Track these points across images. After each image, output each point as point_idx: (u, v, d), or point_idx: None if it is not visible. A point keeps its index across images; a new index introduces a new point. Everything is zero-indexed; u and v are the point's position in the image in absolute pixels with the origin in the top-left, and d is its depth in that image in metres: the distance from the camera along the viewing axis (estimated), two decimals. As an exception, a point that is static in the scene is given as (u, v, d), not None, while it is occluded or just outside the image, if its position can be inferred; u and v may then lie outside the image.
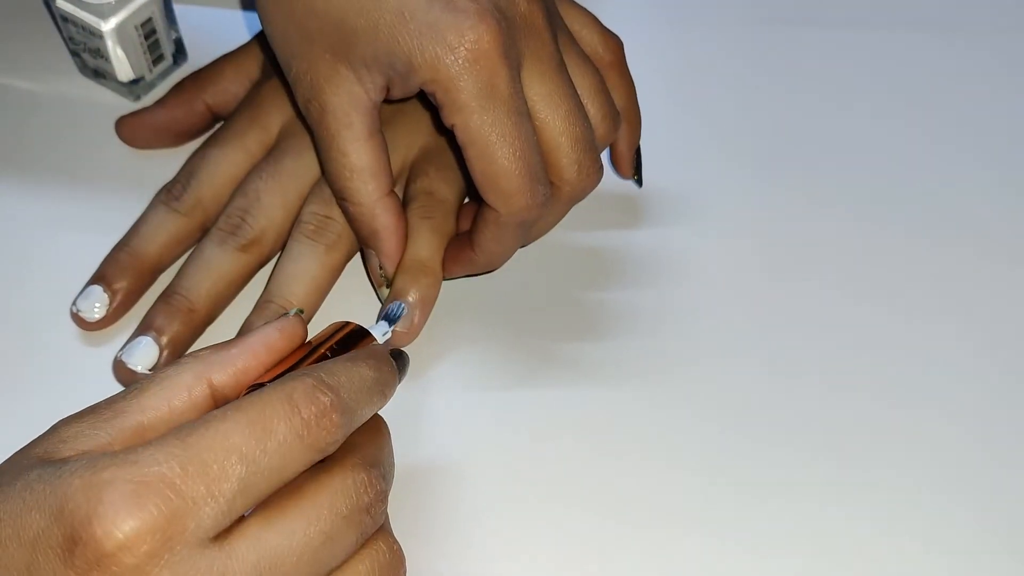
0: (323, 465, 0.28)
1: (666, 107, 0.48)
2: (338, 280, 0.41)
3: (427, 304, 0.40)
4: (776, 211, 0.45)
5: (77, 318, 0.40)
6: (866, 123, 0.48)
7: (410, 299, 0.39)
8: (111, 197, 0.44)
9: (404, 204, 0.41)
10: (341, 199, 0.39)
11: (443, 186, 0.41)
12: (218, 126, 0.45)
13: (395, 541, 0.30)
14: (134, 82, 0.46)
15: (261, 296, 0.40)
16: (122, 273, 0.40)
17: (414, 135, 0.42)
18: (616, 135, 0.39)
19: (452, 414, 0.39)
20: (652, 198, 0.45)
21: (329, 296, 0.41)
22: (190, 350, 0.40)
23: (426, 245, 0.40)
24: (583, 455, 0.38)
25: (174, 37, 0.47)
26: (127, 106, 0.46)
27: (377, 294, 0.41)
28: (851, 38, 0.51)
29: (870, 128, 0.48)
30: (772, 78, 0.50)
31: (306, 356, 0.31)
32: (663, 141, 0.46)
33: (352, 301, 0.41)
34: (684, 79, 0.50)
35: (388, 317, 0.39)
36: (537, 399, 0.40)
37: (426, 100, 0.36)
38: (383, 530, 0.30)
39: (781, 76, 0.50)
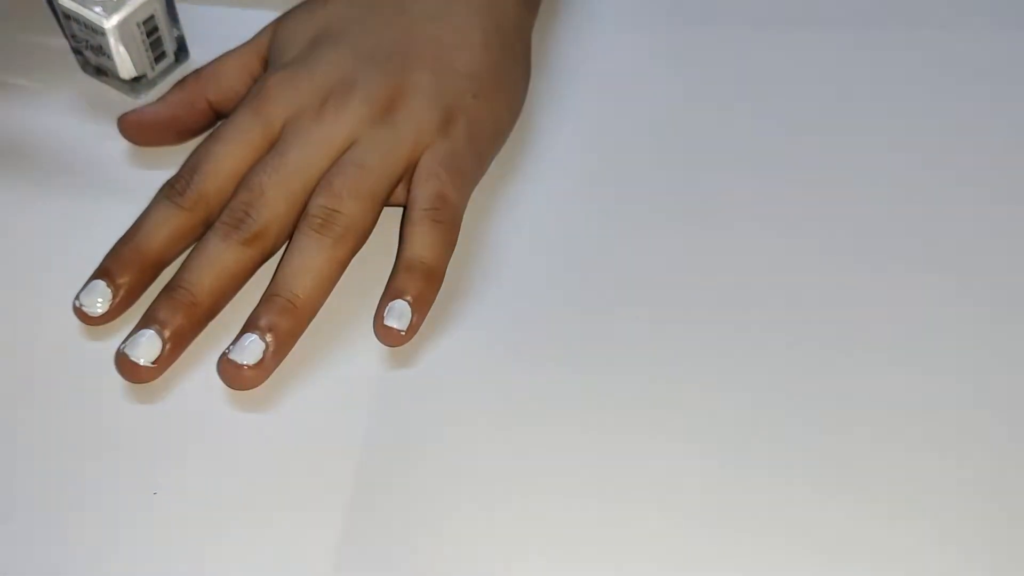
0: None
1: (668, 106, 0.48)
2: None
3: (424, 304, 0.40)
4: (778, 210, 0.45)
5: (80, 312, 0.39)
6: (869, 122, 0.48)
7: (409, 298, 0.39)
8: (112, 194, 0.43)
9: (413, 206, 0.41)
10: None
11: (453, 192, 0.41)
12: (220, 123, 0.44)
13: None
14: (136, 80, 0.46)
15: (267, 290, 0.40)
16: (125, 268, 0.40)
17: (420, 133, 0.42)
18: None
19: (451, 414, 0.39)
20: (653, 197, 0.45)
21: (333, 292, 0.41)
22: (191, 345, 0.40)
23: (432, 248, 0.40)
24: (583, 455, 0.38)
25: (176, 35, 0.47)
26: (129, 104, 0.46)
27: None
28: (851, 36, 0.51)
29: (873, 127, 0.48)
30: (775, 76, 0.50)
31: None
32: (665, 140, 0.46)
33: (357, 296, 0.41)
34: (687, 77, 0.50)
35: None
36: (537, 399, 0.39)
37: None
38: None
39: (784, 74, 0.50)
